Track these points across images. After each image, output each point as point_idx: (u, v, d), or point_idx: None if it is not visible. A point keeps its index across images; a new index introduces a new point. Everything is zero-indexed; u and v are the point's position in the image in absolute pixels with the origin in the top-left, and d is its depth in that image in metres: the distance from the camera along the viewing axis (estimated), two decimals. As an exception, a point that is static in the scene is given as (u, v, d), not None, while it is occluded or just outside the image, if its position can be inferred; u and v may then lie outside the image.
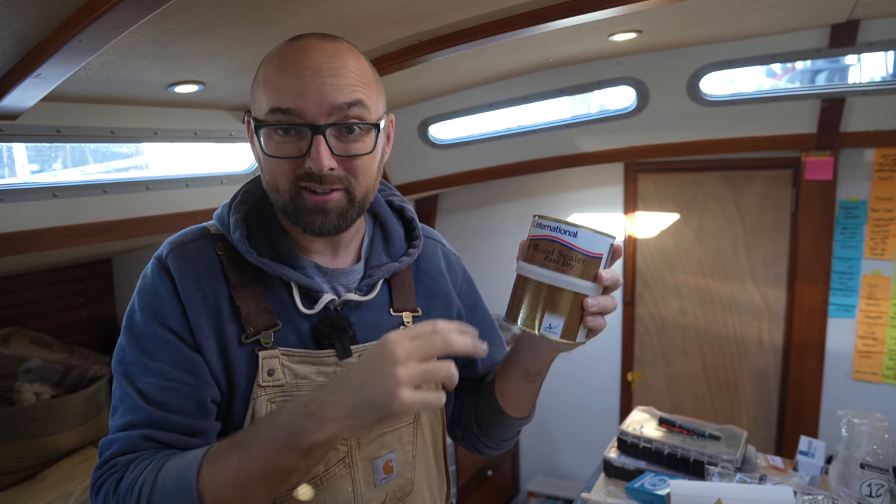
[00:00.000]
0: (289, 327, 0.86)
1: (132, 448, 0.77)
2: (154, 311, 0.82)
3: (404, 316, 0.96)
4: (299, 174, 0.80)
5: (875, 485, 1.39)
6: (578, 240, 0.73)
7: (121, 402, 0.80)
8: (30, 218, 1.58)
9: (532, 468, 3.49)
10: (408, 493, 0.94)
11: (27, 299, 2.10)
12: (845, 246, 2.52)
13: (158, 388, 0.79)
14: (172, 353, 0.80)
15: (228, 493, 0.68)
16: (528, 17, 1.48)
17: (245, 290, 0.84)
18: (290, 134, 0.80)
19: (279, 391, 0.83)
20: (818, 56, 2.25)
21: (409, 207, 1.03)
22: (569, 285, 0.74)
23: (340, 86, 0.79)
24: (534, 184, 3.20)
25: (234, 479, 0.68)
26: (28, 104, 1.32)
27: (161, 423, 0.78)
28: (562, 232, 0.74)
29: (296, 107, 0.78)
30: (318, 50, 0.80)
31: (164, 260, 0.84)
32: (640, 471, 1.68)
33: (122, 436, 0.77)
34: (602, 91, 2.59)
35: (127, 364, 0.81)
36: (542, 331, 0.76)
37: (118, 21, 0.93)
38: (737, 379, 2.89)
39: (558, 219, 0.74)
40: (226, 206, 0.90)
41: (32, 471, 1.77)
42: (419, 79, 2.21)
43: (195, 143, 2.03)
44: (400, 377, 0.64)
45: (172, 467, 0.72)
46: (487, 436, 1.05)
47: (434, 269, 1.04)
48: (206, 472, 0.69)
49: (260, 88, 0.83)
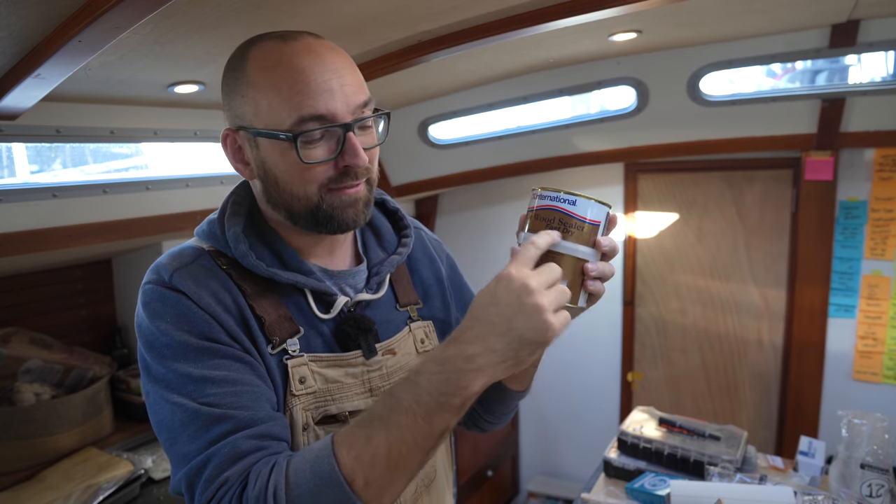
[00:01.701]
0: (311, 332, 0.85)
1: (236, 456, 0.69)
2: (185, 329, 0.75)
3: (410, 310, 0.98)
4: (331, 176, 0.79)
5: (875, 485, 1.39)
6: (577, 207, 0.76)
7: (186, 425, 0.71)
8: (30, 218, 1.58)
9: (532, 468, 3.49)
10: (432, 480, 0.96)
11: (27, 299, 2.10)
12: (845, 246, 2.52)
13: (231, 395, 0.73)
14: (229, 360, 0.75)
15: (381, 470, 0.66)
16: (528, 17, 1.48)
17: (262, 300, 0.82)
18: (321, 139, 0.78)
19: (312, 398, 0.83)
20: (818, 56, 2.25)
21: (389, 198, 1.03)
22: (569, 251, 0.75)
23: (356, 84, 0.80)
24: (534, 184, 3.18)
25: (388, 454, 0.66)
26: (28, 104, 1.32)
27: (252, 421, 0.72)
28: (561, 200, 0.76)
29: (328, 111, 0.77)
30: (327, 50, 0.79)
31: (169, 283, 0.78)
32: (640, 471, 1.68)
33: (215, 450, 0.69)
34: (602, 91, 2.59)
35: (178, 388, 0.73)
36: None
37: (118, 21, 0.92)
38: (737, 379, 2.89)
39: (557, 188, 0.77)
40: (213, 221, 0.86)
41: (32, 471, 1.77)
42: (419, 79, 2.21)
43: (195, 144, 2.03)
44: (544, 306, 0.66)
45: (301, 462, 0.68)
46: (489, 412, 1.06)
47: (424, 257, 1.05)
48: (345, 455, 0.67)
49: (270, 96, 0.77)
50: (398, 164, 2.93)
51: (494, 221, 3.36)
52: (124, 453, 1.88)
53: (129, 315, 2.36)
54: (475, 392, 0.67)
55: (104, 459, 1.82)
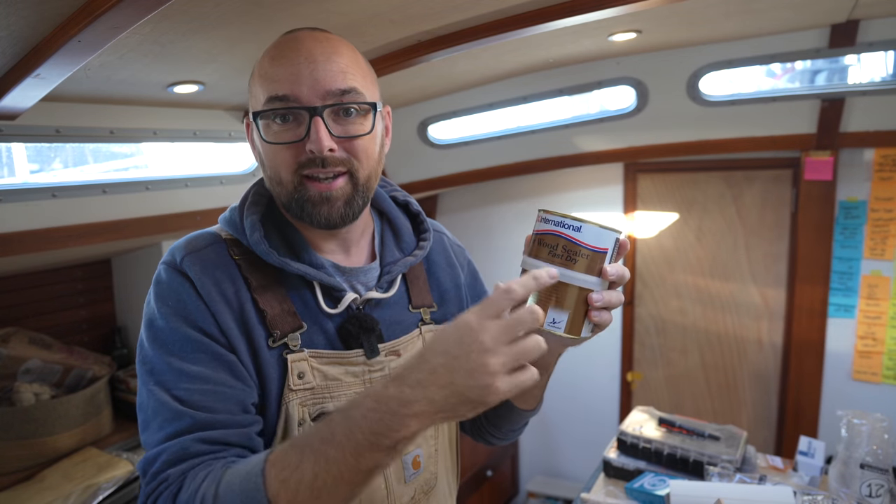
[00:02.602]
0: (314, 328, 0.85)
1: (182, 456, 0.72)
2: (181, 315, 0.78)
3: (423, 312, 0.97)
4: (301, 161, 0.80)
5: (875, 485, 1.39)
6: (583, 234, 0.72)
7: (156, 413, 0.75)
8: (29, 218, 1.58)
9: (532, 468, 3.49)
10: (432, 487, 0.96)
11: (27, 299, 2.10)
12: (845, 246, 2.52)
13: (199, 393, 0.75)
14: (209, 356, 0.77)
15: (304, 498, 0.64)
16: (528, 17, 1.48)
17: (267, 294, 0.83)
18: (289, 121, 0.81)
19: (310, 394, 0.83)
20: (818, 56, 2.25)
21: (414, 201, 1.04)
22: (573, 280, 0.72)
23: (334, 72, 0.80)
24: (534, 184, 3.20)
25: (312, 484, 0.64)
26: (27, 104, 1.32)
27: (208, 424, 0.74)
28: (566, 227, 0.73)
29: (291, 92, 0.79)
30: (310, 39, 0.82)
31: (179, 265, 0.81)
32: (640, 471, 1.68)
33: (167, 446, 0.73)
34: (602, 91, 2.59)
35: (158, 374, 0.76)
36: (546, 326, 0.75)
37: (117, 21, 0.93)
38: (736, 379, 2.89)
39: (563, 213, 0.73)
40: (235, 209, 0.89)
41: (32, 471, 1.77)
42: (419, 79, 2.21)
43: (195, 144, 2.03)
44: (493, 368, 0.60)
45: (234, 475, 0.69)
46: (496, 427, 1.06)
47: (443, 262, 1.05)
48: (273, 477, 0.66)
49: (256, 82, 0.84)
50: (398, 164, 2.93)
51: (494, 221, 3.36)
52: (124, 453, 1.88)
53: (128, 315, 2.36)
54: (407, 436, 0.63)
55: (104, 459, 1.82)
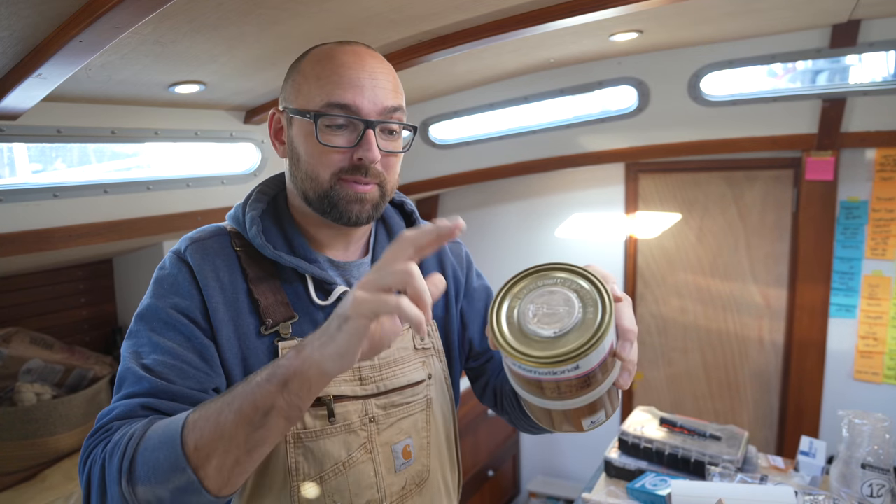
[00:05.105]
0: (305, 319, 0.90)
1: (130, 414, 0.76)
2: (171, 298, 0.84)
3: None
4: (344, 166, 0.86)
5: (876, 485, 1.39)
6: (581, 368, 0.61)
7: (124, 378, 0.80)
8: (31, 218, 1.58)
9: (533, 468, 3.49)
10: (425, 479, 0.98)
11: (28, 299, 2.10)
12: (846, 246, 2.51)
13: (165, 366, 0.79)
14: (185, 337, 0.82)
15: (208, 436, 0.66)
16: (528, 17, 1.48)
17: (262, 284, 0.89)
18: (343, 128, 0.86)
19: None
20: (819, 56, 2.25)
21: (409, 201, 1.08)
22: (595, 395, 0.65)
23: (389, 90, 0.88)
24: (534, 184, 3.20)
25: (215, 419, 0.67)
26: (29, 104, 1.33)
27: (162, 391, 0.78)
28: (561, 371, 0.61)
29: (353, 102, 0.85)
30: (369, 55, 0.89)
31: (182, 253, 0.87)
32: (641, 471, 1.68)
33: (122, 403, 0.77)
34: (603, 91, 2.59)
35: (137, 346, 0.82)
36: (585, 429, 0.71)
37: (119, 21, 0.93)
38: (738, 379, 2.89)
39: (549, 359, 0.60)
40: (240, 206, 0.94)
41: (33, 471, 1.77)
42: (419, 79, 2.21)
43: (196, 144, 2.03)
44: (357, 290, 0.63)
45: (162, 422, 0.72)
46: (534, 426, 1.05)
47: (433, 259, 1.07)
48: (190, 419, 0.69)
49: (311, 82, 0.87)
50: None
51: (495, 221, 3.36)
52: (125, 453, 1.88)
53: (130, 315, 2.35)
54: (296, 369, 0.65)
55: (105, 459, 1.82)
